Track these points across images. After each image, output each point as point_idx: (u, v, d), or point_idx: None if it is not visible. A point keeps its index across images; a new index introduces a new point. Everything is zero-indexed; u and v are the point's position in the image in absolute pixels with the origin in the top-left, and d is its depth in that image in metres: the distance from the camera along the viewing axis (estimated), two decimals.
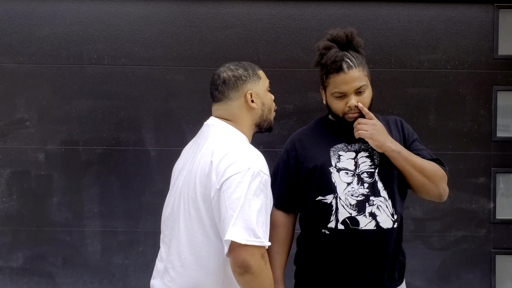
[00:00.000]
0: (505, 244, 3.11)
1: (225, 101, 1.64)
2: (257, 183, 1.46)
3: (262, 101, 1.67)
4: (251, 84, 1.64)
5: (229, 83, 1.63)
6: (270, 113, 1.69)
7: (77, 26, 3.06)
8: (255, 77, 1.66)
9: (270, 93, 1.73)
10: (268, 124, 1.70)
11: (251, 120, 1.66)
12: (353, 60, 1.69)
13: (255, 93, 1.64)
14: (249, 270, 1.42)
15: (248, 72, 1.65)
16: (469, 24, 3.08)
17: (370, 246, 1.69)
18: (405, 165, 1.69)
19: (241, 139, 1.61)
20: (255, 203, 1.44)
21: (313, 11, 3.08)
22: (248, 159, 1.50)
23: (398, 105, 3.09)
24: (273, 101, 1.73)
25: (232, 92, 1.63)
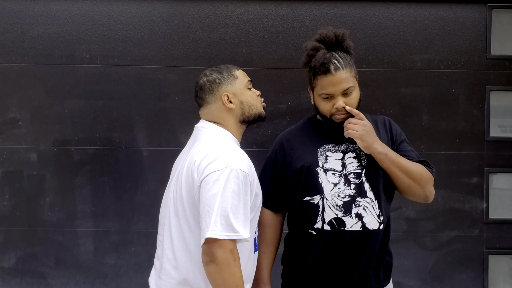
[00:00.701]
0: (498, 244, 3.11)
1: (205, 106, 1.73)
2: (234, 180, 1.51)
3: (240, 100, 1.71)
4: (226, 85, 1.70)
5: (204, 88, 1.72)
6: (252, 108, 1.73)
7: (69, 26, 3.06)
8: (230, 78, 1.71)
9: (253, 89, 1.76)
10: (254, 117, 1.75)
11: (234, 119, 1.71)
12: (340, 61, 1.68)
13: (232, 93, 1.70)
14: (214, 260, 1.47)
15: (223, 74, 1.71)
16: (462, 24, 3.08)
17: (356, 247, 1.69)
18: (391, 167, 1.69)
19: (227, 139, 1.67)
20: (231, 199, 1.50)
21: (306, 11, 3.08)
22: (227, 158, 1.55)
23: (391, 105, 3.08)
24: (257, 96, 1.77)
25: (209, 96, 1.71)
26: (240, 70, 1.77)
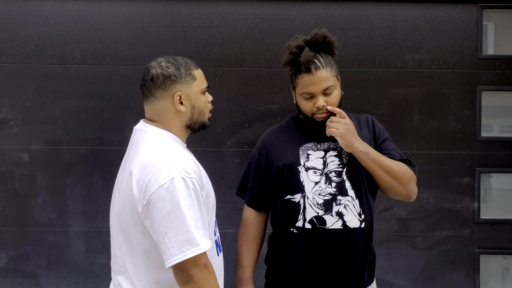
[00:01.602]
0: (489, 244, 3.11)
1: (151, 100, 1.54)
2: (184, 190, 1.38)
3: (193, 104, 1.55)
4: (181, 85, 1.52)
5: (156, 82, 1.52)
6: (202, 116, 1.58)
7: (61, 26, 3.06)
8: (187, 78, 1.54)
9: (207, 95, 1.63)
10: (199, 126, 1.60)
11: (180, 122, 1.55)
12: (321, 60, 1.69)
13: (185, 95, 1.53)
14: (191, 280, 1.38)
15: (180, 71, 1.53)
16: (453, 24, 3.09)
17: (337, 246, 1.69)
18: (372, 166, 1.69)
19: (170, 142, 1.52)
20: (188, 211, 1.38)
21: (298, 11, 3.08)
22: (169, 167, 1.40)
23: (382, 105, 3.09)
24: (209, 103, 1.63)
25: (159, 91, 1.52)
26: (199, 70, 1.60)
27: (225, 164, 3.09)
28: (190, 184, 1.39)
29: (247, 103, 3.09)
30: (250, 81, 3.09)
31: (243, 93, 3.08)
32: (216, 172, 3.08)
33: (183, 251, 1.36)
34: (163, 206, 1.36)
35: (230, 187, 3.07)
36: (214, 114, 3.02)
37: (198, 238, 1.37)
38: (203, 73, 1.62)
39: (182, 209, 1.36)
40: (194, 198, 1.40)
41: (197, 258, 1.38)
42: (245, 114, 3.09)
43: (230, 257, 3.08)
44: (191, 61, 1.59)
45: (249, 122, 3.09)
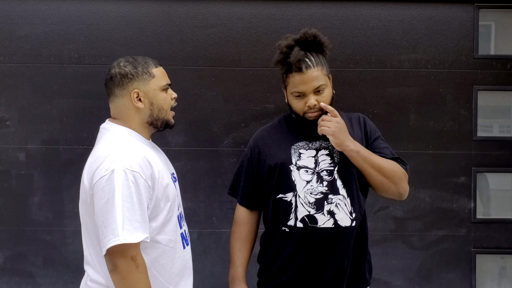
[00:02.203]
0: (485, 243, 3.11)
1: (112, 98, 1.63)
2: (123, 182, 1.43)
3: (151, 101, 1.60)
4: (138, 82, 1.59)
5: (115, 80, 1.60)
6: (162, 113, 1.63)
7: (57, 26, 3.06)
8: (145, 75, 1.60)
9: (170, 92, 1.68)
10: (162, 123, 1.65)
11: (140, 119, 1.61)
12: (312, 59, 1.69)
13: (143, 92, 1.59)
14: (116, 269, 1.42)
15: (137, 69, 1.60)
16: (449, 24, 3.09)
17: (329, 244, 1.69)
18: (363, 164, 1.69)
19: (122, 139, 1.57)
20: (123, 202, 1.42)
21: (294, 11, 3.09)
22: (113, 160, 1.46)
23: (379, 104, 3.09)
24: (172, 99, 1.67)
25: (118, 89, 1.60)
26: (160, 68, 1.66)
27: (221, 164, 3.09)
28: (130, 177, 1.44)
29: (243, 102, 3.09)
30: (246, 81, 3.09)
31: (240, 92, 3.09)
32: (213, 171, 3.09)
33: (108, 240, 1.41)
34: (102, 196, 1.44)
35: (226, 187, 3.04)
36: (210, 113, 3.09)
37: (120, 230, 1.40)
38: (164, 71, 1.68)
39: (115, 200, 1.42)
40: (133, 191, 1.44)
41: (124, 249, 1.41)
42: (242, 113, 3.09)
43: (226, 256, 3.09)
44: (152, 60, 1.66)
45: (245, 121, 3.10)
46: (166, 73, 1.69)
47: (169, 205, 1.57)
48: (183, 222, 1.67)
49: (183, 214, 1.74)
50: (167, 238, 1.57)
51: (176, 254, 1.59)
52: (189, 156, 3.10)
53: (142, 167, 1.49)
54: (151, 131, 1.67)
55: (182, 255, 1.62)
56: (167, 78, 1.68)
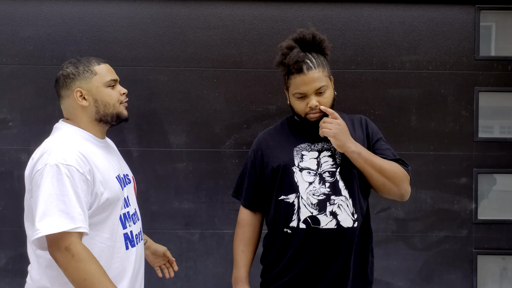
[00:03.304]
0: (486, 244, 3.12)
1: (61, 100, 1.67)
2: (56, 176, 1.45)
3: (95, 98, 1.63)
4: (80, 81, 1.63)
5: (59, 82, 1.65)
6: (109, 108, 1.65)
7: (60, 27, 3.07)
8: (87, 74, 1.63)
9: (117, 87, 1.69)
10: (113, 118, 1.66)
11: (87, 117, 1.65)
12: (313, 61, 1.70)
13: (86, 90, 1.63)
14: (57, 262, 1.45)
15: (78, 69, 1.64)
16: (450, 25, 3.10)
17: (331, 245, 1.70)
18: (365, 166, 1.70)
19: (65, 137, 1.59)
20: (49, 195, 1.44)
21: (296, 12, 3.10)
22: (48, 155, 1.49)
23: (380, 105, 3.10)
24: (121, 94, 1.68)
25: (63, 90, 1.65)
26: (103, 65, 1.69)
27: (223, 165, 3.10)
28: (64, 171, 1.46)
29: (245, 104, 3.10)
30: (248, 82, 3.10)
31: (242, 94, 3.10)
32: (215, 172, 3.10)
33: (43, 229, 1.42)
34: (35, 189, 1.47)
35: (228, 188, 3.08)
36: (212, 114, 3.10)
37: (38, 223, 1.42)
38: (111, 68, 1.71)
39: (41, 194, 1.44)
40: (68, 184, 1.46)
41: (57, 241, 1.43)
42: (244, 115, 3.10)
43: (228, 257, 3.10)
44: (96, 58, 1.70)
45: (247, 122, 3.10)
46: (112, 70, 1.71)
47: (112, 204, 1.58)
48: (130, 223, 1.66)
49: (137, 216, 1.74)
50: (104, 236, 1.57)
51: (114, 254, 1.59)
52: (191, 157, 3.10)
53: (79, 162, 1.51)
54: (104, 127, 1.69)
55: (122, 256, 1.62)
56: (112, 74, 1.69)
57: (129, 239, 1.65)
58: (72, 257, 1.42)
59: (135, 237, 1.67)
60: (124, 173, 1.74)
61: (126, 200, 1.66)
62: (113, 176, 1.62)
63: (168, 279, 2.08)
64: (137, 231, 1.70)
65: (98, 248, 1.55)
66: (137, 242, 1.69)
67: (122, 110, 1.68)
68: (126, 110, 1.70)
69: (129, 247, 1.64)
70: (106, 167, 1.61)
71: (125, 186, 1.68)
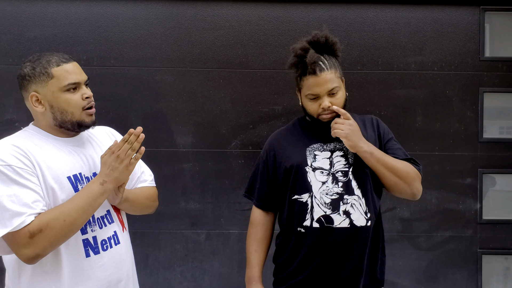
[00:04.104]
0: (491, 244, 3.14)
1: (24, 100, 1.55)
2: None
3: (51, 104, 1.48)
4: (36, 84, 1.48)
5: (18, 83, 1.52)
6: (66, 115, 1.50)
7: (66, 28, 3.08)
8: (43, 77, 1.47)
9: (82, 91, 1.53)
10: (73, 125, 1.51)
11: (46, 122, 1.51)
12: (325, 62, 1.72)
13: (42, 94, 1.48)
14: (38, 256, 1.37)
15: (35, 71, 1.48)
16: (455, 26, 3.12)
17: (345, 244, 1.72)
18: (377, 165, 1.72)
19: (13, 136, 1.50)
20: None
21: (301, 13, 3.11)
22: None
23: (385, 106, 3.11)
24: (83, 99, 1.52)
25: (22, 91, 1.53)
26: (65, 65, 1.50)
27: (229, 165, 3.11)
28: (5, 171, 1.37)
29: (251, 104, 3.11)
30: (254, 83, 3.11)
31: (248, 94, 3.11)
32: (221, 173, 3.11)
33: None
34: None
35: (234, 188, 3.10)
36: (218, 115, 3.11)
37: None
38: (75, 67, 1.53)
39: None
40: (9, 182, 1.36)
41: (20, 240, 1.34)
42: (250, 115, 3.11)
43: (234, 257, 3.11)
44: (58, 56, 1.51)
45: (253, 123, 3.12)
46: (74, 71, 1.52)
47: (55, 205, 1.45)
48: (93, 227, 1.51)
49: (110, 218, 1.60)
50: None
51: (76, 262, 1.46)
52: (197, 157, 3.11)
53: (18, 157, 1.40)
54: (66, 132, 1.54)
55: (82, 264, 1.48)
56: (73, 76, 1.51)
57: (91, 246, 1.49)
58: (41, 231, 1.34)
59: (100, 243, 1.51)
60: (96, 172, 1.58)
61: None
62: (64, 176, 1.48)
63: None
64: (106, 236, 1.54)
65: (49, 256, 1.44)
66: (104, 248, 1.53)
67: (84, 118, 1.52)
68: (90, 116, 1.54)
69: (90, 254, 1.49)
70: (58, 165, 1.48)
71: None
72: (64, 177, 1.48)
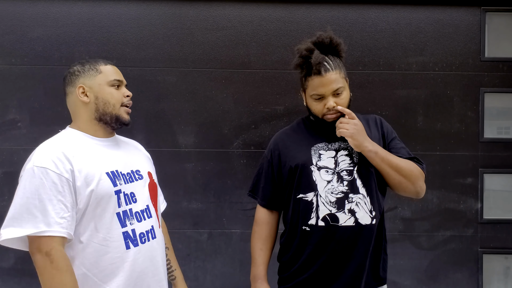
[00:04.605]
0: (492, 243, 3.15)
1: (66, 98, 1.72)
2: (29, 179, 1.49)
3: (96, 95, 1.66)
4: (84, 78, 1.67)
5: (65, 80, 1.71)
6: (108, 107, 1.67)
7: (69, 28, 3.09)
8: (91, 71, 1.68)
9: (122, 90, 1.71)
10: (112, 119, 1.68)
11: (88, 115, 1.67)
12: (330, 63, 1.74)
13: (88, 86, 1.66)
14: (36, 264, 1.49)
15: (84, 67, 1.69)
16: (456, 27, 3.13)
17: (350, 242, 1.74)
18: (381, 164, 1.74)
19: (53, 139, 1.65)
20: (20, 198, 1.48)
21: (303, 14, 3.12)
22: (31, 159, 1.56)
23: (387, 106, 3.13)
24: (124, 97, 1.71)
25: (68, 87, 1.70)
26: (110, 66, 1.71)
27: (231, 165, 3.12)
28: (38, 173, 1.49)
29: (253, 104, 3.12)
30: (256, 83, 3.13)
31: (250, 94, 3.12)
32: (223, 172, 3.12)
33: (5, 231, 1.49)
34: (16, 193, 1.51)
35: (236, 188, 3.11)
36: (220, 115, 3.12)
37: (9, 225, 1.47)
38: (118, 70, 1.74)
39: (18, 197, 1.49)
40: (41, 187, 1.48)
41: (39, 245, 1.46)
42: (252, 115, 3.13)
43: (236, 256, 3.13)
44: (103, 60, 1.73)
45: (255, 123, 3.13)
46: (118, 72, 1.73)
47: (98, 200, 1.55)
48: (132, 221, 1.62)
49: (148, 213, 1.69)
50: (100, 236, 1.55)
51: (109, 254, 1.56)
52: (199, 157, 3.12)
53: (55, 164, 1.51)
54: (103, 128, 1.69)
55: (123, 256, 1.58)
56: (118, 75, 1.72)
57: (130, 238, 1.60)
58: (51, 264, 1.44)
59: (139, 236, 1.62)
60: (134, 169, 1.71)
61: (128, 197, 1.62)
62: (103, 172, 1.59)
63: None
64: (144, 229, 1.64)
65: (91, 248, 1.54)
66: (142, 241, 1.63)
67: (122, 113, 1.70)
68: (127, 115, 1.72)
69: (130, 246, 1.60)
70: (96, 163, 1.59)
71: (128, 182, 1.65)
72: (102, 174, 1.59)
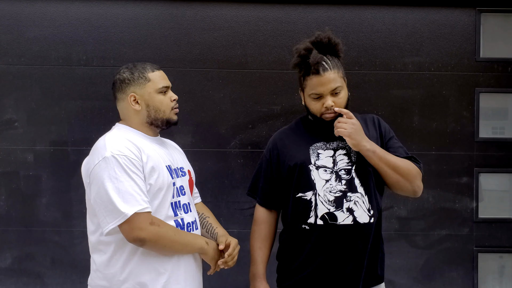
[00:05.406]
0: (487, 242, 3.18)
1: (116, 102, 1.79)
2: (113, 165, 1.57)
3: (147, 103, 1.73)
4: (134, 87, 1.73)
5: (115, 86, 1.77)
6: (159, 113, 1.75)
7: (66, 28, 3.09)
8: (141, 80, 1.73)
9: (169, 94, 1.78)
10: (163, 123, 1.78)
11: (139, 120, 1.75)
12: (328, 62, 1.75)
13: (139, 95, 1.73)
14: (144, 242, 1.57)
15: (134, 75, 1.74)
16: (452, 28, 3.16)
17: (348, 241, 1.75)
18: (379, 163, 1.76)
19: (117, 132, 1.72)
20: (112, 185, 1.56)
21: (300, 14, 3.14)
22: (104, 149, 1.61)
23: (383, 106, 3.15)
24: (171, 101, 1.78)
25: (119, 93, 1.76)
26: (157, 72, 1.78)
27: (228, 165, 3.14)
28: (121, 160, 1.58)
29: (250, 104, 3.14)
30: (253, 83, 3.14)
31: (247, 94, 3.13)
32: (220, 172, 3.13)
33: (108, 222, 1.57)
34: (96, 182, 1.59)
35: (233, 187, 3.12)
36: (217, 115, 3.13)
37: (121, 207, 1.55)
38: (164, 74, 1.80)
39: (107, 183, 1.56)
40: (128, 171, 1.58)
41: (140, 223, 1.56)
42: (249, 115, 3.14)
43: None
44: (150, 65, 1.79)
45: (252, 123, 3.14)
46: (165, 77, 1.80)
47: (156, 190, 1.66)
48: (181, 212, 1.74)
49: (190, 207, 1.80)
50: None
51: None
52: (196, 157, 3.13)
53: (133, 152, 1.62)
54: (154, 129, 1.79)
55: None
56: (165, 81, 1.78)
57: (180, 227, 1.71)
58: (159, 226, 1.58)
59: (186, 225, 1.74)
60: (178, 166, 1.82)
61: (179, 190, 1.74)
62: (163, 165, 1.71)
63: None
64: (190, 220, 1.76)
65: None
66: (188, 230, 1.75)
67: (172, 116, 1.79)
68: (176, 116, 1.81)
69: None
70: (157, 156, 1.70)
71: (178, 177, 1.77)
72: (162, 166, 1.70)
